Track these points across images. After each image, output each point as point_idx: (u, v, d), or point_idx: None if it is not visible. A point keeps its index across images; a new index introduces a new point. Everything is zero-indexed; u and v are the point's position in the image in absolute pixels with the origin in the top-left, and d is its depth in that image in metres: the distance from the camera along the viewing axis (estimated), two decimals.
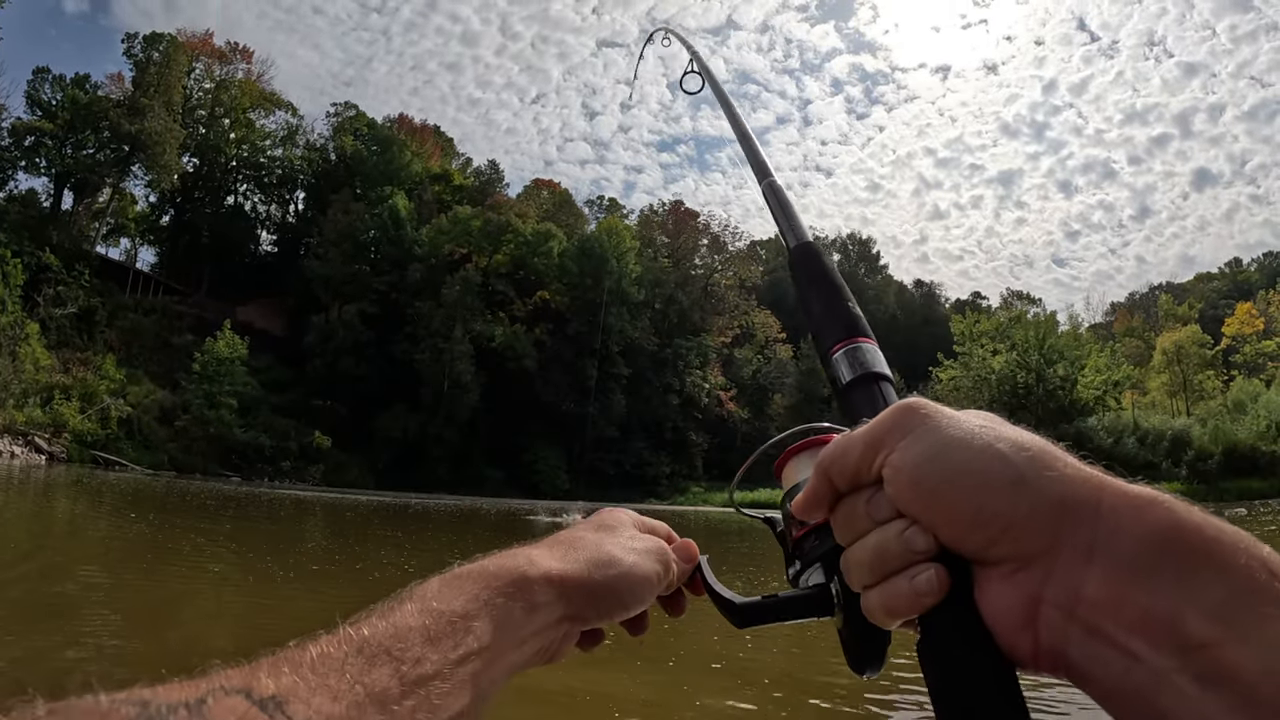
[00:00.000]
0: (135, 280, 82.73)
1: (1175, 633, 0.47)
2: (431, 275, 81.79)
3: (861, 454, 0.63)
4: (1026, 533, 0.55)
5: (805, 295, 0.91)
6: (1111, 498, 0.54)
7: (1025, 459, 0.58)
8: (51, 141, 79.42)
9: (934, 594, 0.58)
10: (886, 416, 0.64)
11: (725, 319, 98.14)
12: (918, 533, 0.60)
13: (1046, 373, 60.53)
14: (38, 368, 59.46)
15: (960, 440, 0.60)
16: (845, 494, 0.66)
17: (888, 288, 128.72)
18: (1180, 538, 0.50)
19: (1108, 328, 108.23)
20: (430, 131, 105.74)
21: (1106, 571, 0.51)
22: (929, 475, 0.59)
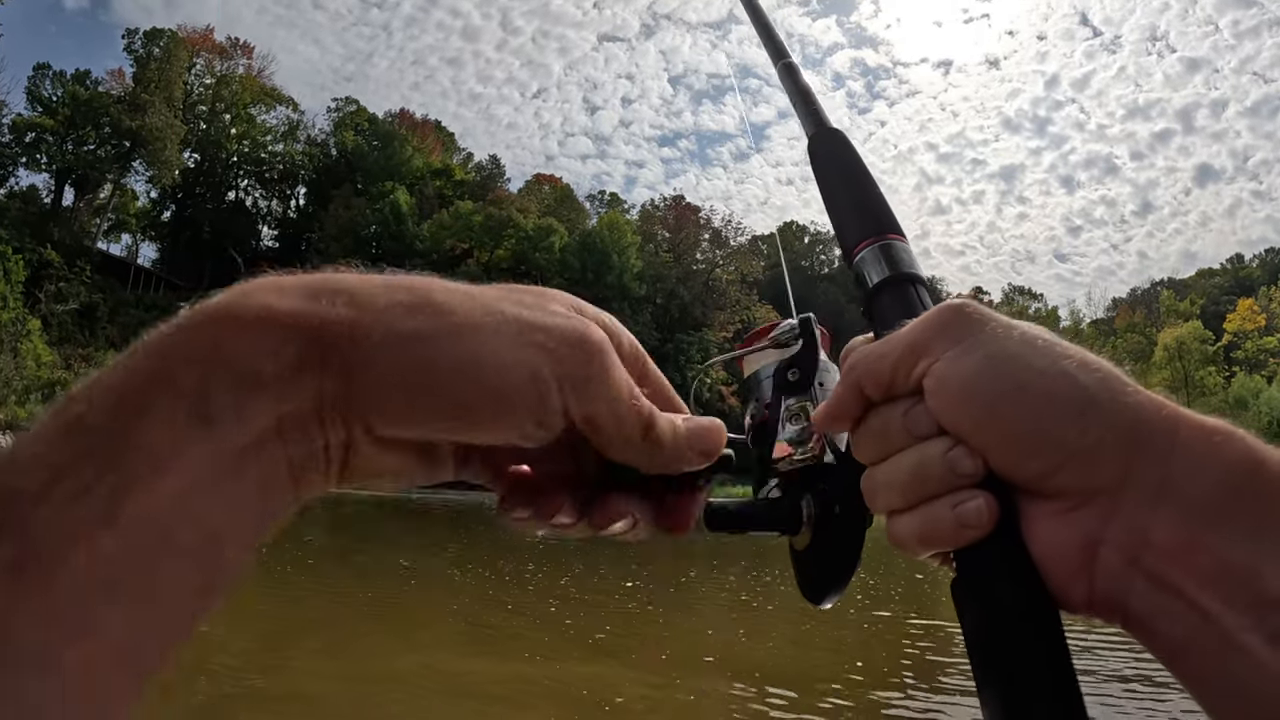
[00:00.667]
0: (136, 276, 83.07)
1: (1251, 587, 0.42)
2: (433, 270, 78.16)
3: (900, 359, 0.56)
4: (1093, 463, 0.48)
5: (827, 187, 0.80)
6: (1188, 430, 0.48)
7: (1096, 380, 0.50)
8: (52, 138, 79.40)
9: (981, 526, 0.52)
10: (932, 318, 0.57)
11: (727, 314, 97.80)
12: (965, 454, 0.53)
13: None
14: (39, 364, 59.73)
15: (1020, 353, 0.52)
16: (878, 404, 0.59)
17: None
18: (1261, 479, 0.45)
19: (1109, 323, 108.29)
20: (431, 126, 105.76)
21: (1179, 514, 0.45)
22: (984, 390, 0.52)
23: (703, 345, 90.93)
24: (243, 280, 0.45)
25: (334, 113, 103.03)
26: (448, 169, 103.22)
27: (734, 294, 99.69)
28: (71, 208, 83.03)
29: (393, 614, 9.63)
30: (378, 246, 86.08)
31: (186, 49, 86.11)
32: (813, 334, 0.72)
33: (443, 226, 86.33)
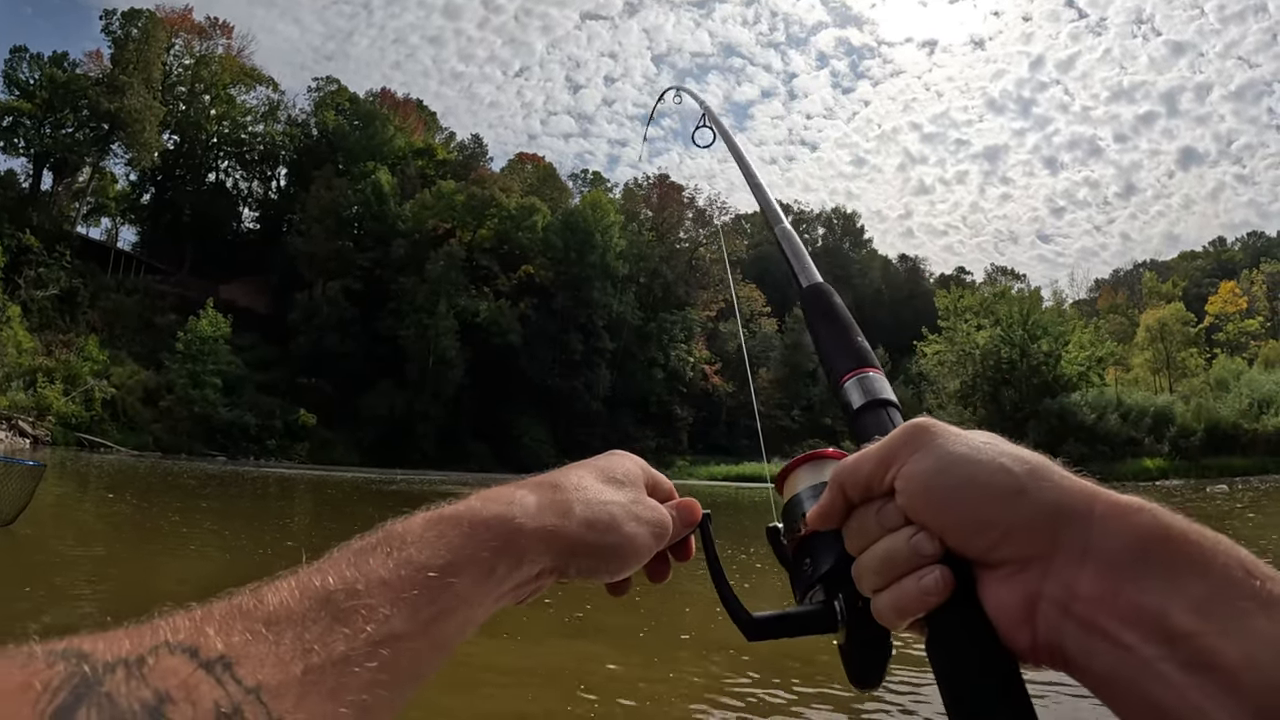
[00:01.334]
0: (117, 260, 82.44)
1: (1162, 625, 0.52)
2: (415, 251, 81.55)
3: (874, 467, 0.69)
4: (1026, 537, 0.60)
5: (817, 330, 0.98)
6: (1103, 505, 0.59)
7: (1026, 471, 0.62)
8: (30, 121, 78.83)
9: (939, 593, 0.63)
10: (899, 433, 0.70)
11: (710, 293, 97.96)
12: (925, 538, 0.65)
13: (1030, 348, 60.52)
14: (20, 351, 59.02)
15: (967, 455, 0.65)
16: (858, 505, 0.71)
17: (872, 262, 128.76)
18: (1165, 541, 0.55)
19: (1092, 304, 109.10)
20: (413, 106, 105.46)
21: (1099, 571, 0.56)
22: (939, 485, 0.64)
23: (686, 324, 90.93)
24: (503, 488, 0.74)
25: (314, 92, 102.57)
26: (430, 149, 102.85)
27: (717, 273, 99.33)
28: (50, 192, 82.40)
29: None
30: (359, 227, 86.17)
31: (165, 29, 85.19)
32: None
33: (425, 206, 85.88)
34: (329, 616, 0.54)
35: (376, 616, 0.56)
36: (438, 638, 0.60)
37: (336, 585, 0.56)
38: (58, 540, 11.15)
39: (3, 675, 0.41)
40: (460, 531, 0.66)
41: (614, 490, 0.82)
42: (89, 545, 11.40)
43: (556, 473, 0.82)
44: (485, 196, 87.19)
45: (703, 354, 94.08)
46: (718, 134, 1.74)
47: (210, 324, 68.17)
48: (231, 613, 0.52)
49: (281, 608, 0.53)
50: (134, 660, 0.44)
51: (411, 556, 0.61)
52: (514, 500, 0.73)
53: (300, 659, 0.51)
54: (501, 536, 0.68)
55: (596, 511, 0.78)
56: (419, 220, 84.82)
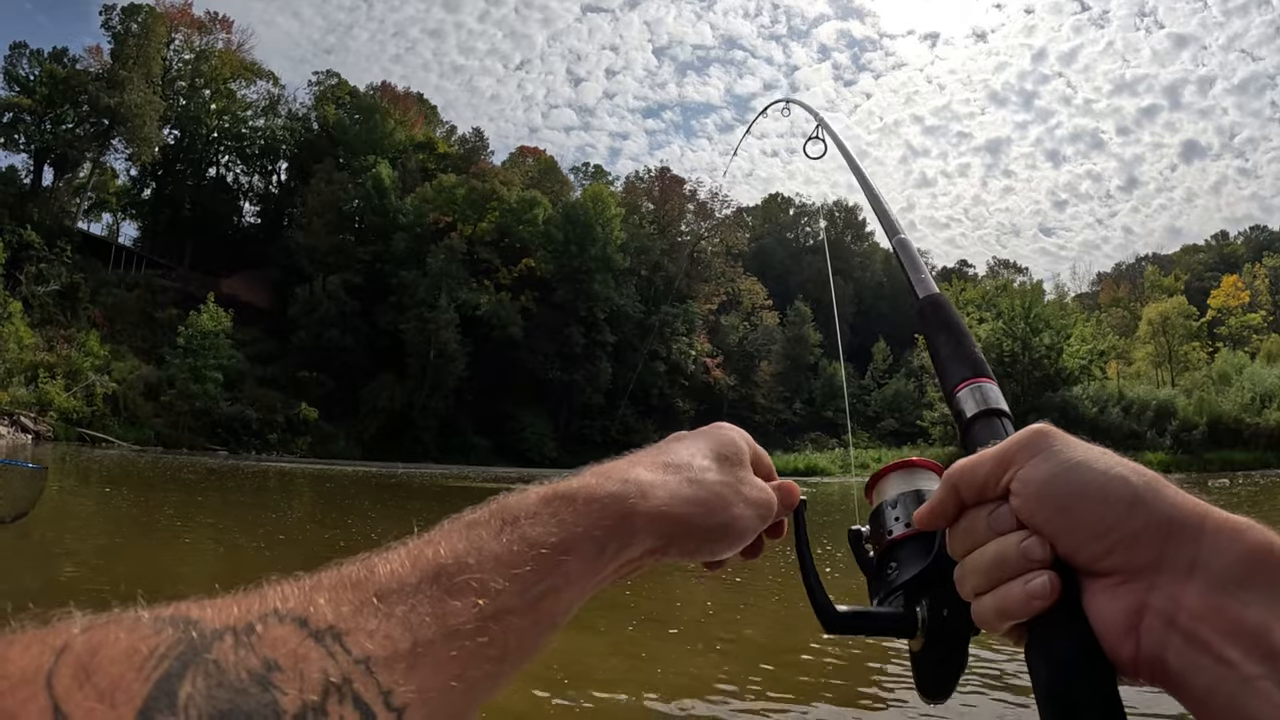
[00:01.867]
0: (118, 255, 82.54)
1: (1266, 641, 0.52)
2: (416, 244, 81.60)
3: (991, 470, 0.69)
4: (1138, 546, 0.60)
5: (934, 340, 0.99)
6: (1214, 521, 0.59)
7: (1143, 482, 0.63)
8: (30, 117, 78.98)
9: (1046, 597, 0.63)
10: (1019, 436, 0.70)
11: (711, 286, 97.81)
12: (1037, 542, 0.65)
13: (1032, 341, 60.93)
14: (21, 346, 59.14)
15: (1086, 462, 0.65)
16: (970, 507, 0.72)
17: (874, 255, 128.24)
18: (1273, 558, 0.55)
19: (1094, 298, 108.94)
20: (413, 99, 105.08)
21: (1205, 585, 0.56)
22: (1057, 490, 0.64)
23: (688, 317, 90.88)
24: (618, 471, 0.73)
25: (315, 86, 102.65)
26: (430, 142, 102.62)
27: (719, 266, 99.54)
28: (51, 188, 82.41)
29: None
30: (360, 221, 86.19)
31: (165, 24, 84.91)
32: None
33: (426, 200, 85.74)
34: (440, 589, 0.54)
35: (488, 591, 0.56)
36: (546, 615, 0.60)
37: (448, 557, 0.56)
38: (63, 535, 11.12)
39: (110, 640, 0.41)
40: (574, 509, 0.65)
41: (723, 469, 0.82)
42: (90, 539, 11.40)
43: (670, 444, 0.83)
44: (486, 190, 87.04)
45: (704, 347, 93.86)
46: (829, 143, 1.72)
47: (211, 318, 68.22)
48: (342, 583, 0.52)
49: (392, 578, 0.53)
50: (242, 628, 0.44)
51: (525, 532, 0.61)
52: (629, 478, 0.72)
53: (410, 631, 0.50)
54: (615, 515, 0.67)
55: (707, 492, 0.77)
56: (420, 214, 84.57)
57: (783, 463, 72.13)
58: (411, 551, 0.57)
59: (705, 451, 0.82)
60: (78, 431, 56.64)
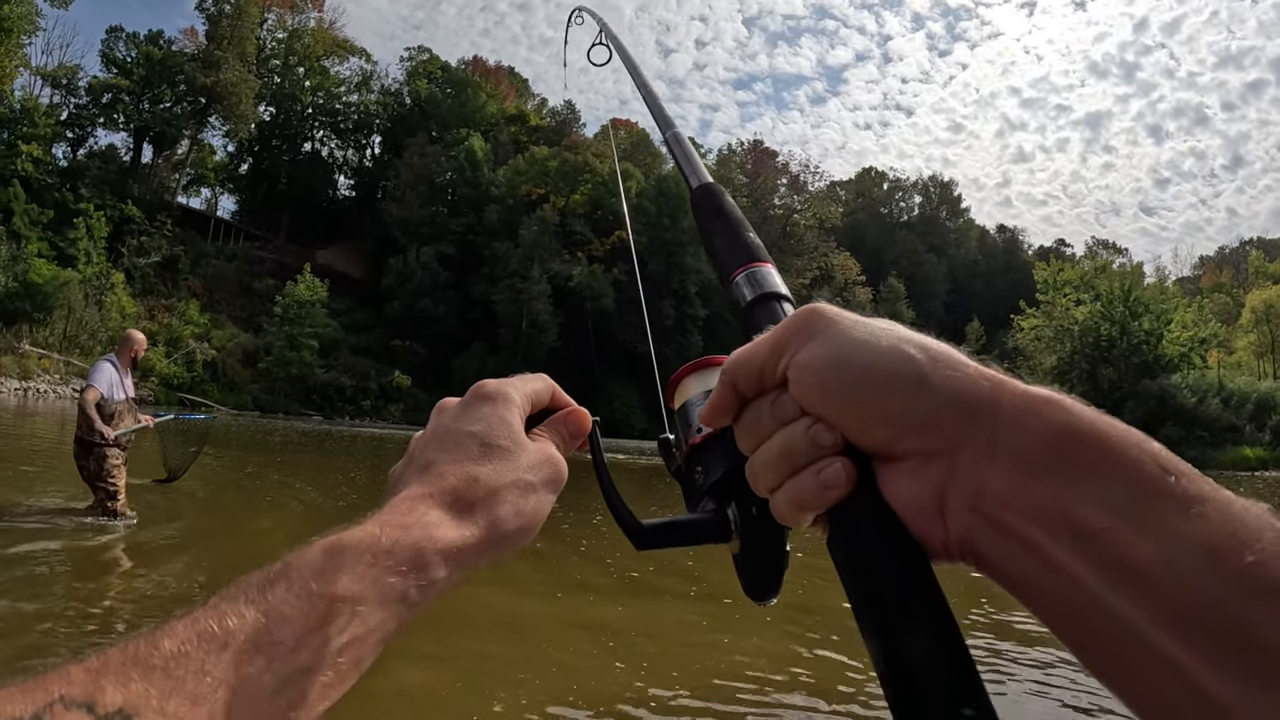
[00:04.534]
0: (216, 228, 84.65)
1: (1071, 522, 0.49)
2: (509, 216, 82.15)
3: (766, 358, 0.62)
4: (930, 429, 0.55)
5: (707, 229, 0.92)
6: (1010, 397, 0.54)
7: (928, 359, 0.57)
8: (129, 97, 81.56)
9: (840, 486, 0.58)
10: (790, 320, 0.63)
11: (804, 260, 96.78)
12: (823, 429, 0.59)
13: (1131, 326, 58.65)
14: (124, 316, 61.12)
15: (865, 341, 0.59)
16: (751, 399, 0.65)
17: (969, 232, 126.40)
18: (1075, 435, 0.51)
19: (1195, 282, 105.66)
20: (504, 73, 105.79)
21: (1006, 467, 0.52)
22: (835, 374, 0.58)
23: None
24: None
25: (406, 62, 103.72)
26: (522, 115, 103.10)
27: (811, 240, 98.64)
28: (150, 164, 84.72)
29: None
30: (453, 193, 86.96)
31: (257, 5, 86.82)
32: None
33: (518, 172, 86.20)
34: (231, 656, 0.51)
35: (281, 651, 0.53)
36: (349, 666, 0.58)
37: (237, 625, 0.53)
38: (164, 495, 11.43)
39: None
40: (364, 562, 0.62)
41: (499, 463, 0.74)
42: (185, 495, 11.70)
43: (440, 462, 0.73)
44: (578, 162, 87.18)
45: None
46: (614, 51, 1.64)
47: (307, 288, 69.54)
48: (127, 661, 0.49)
49: (178, 654, 0.50)
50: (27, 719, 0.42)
51: (313, 588, 0.58)
52: (413, 523, 0.67)
53: (204, 699, 0.49)
54: (407, 562, 0.64)
55: (497, 506, 0.72)
56: (512, 186, 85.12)
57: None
58: (199, 620, 0.53)
59: (477, 451, 0.75)
60: (178, 396, 57.42)
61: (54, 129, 73.76)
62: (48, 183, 68.33)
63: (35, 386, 49.05)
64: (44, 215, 64.65)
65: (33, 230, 62.71)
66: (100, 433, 9.05)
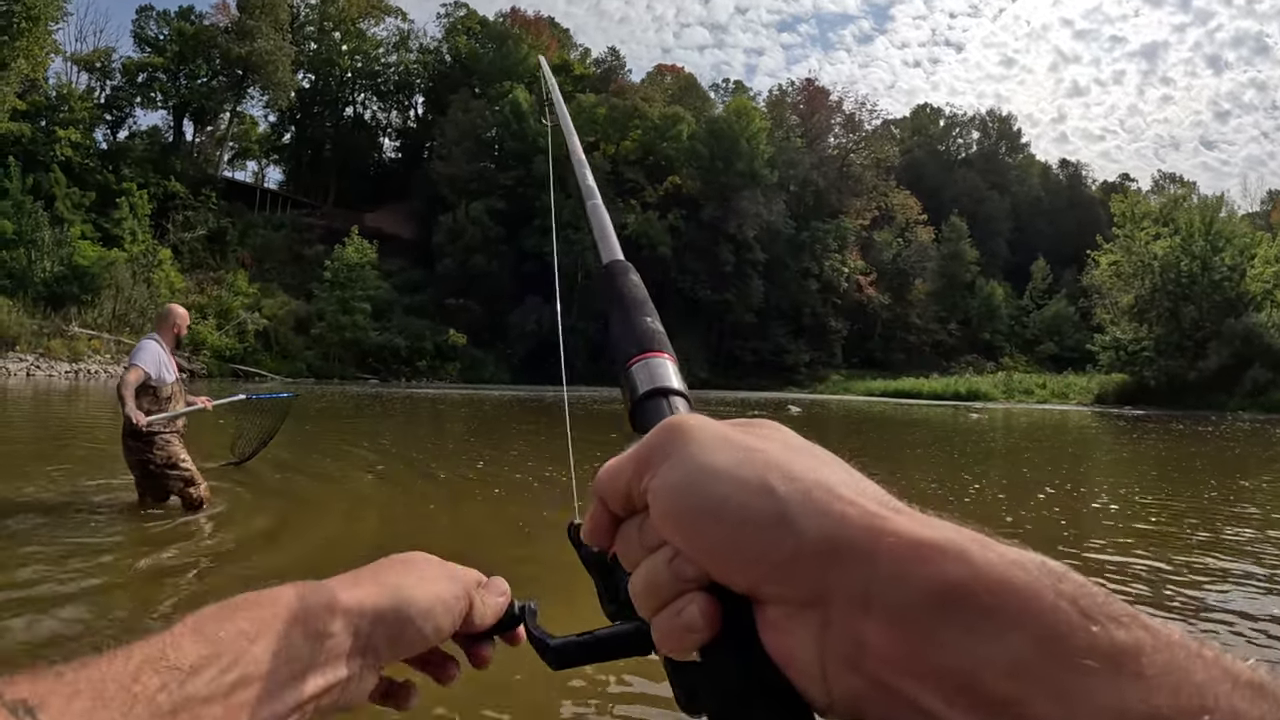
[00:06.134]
0: (263, 198, 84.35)
1: (975, 690, 0.40)
2: (558, 167, 78.47)
3: (630, 477, 0.55)
4: (791, 575, 0.47)
5: (607, 310, 0.84)
6: (891, 544, 0.45)
7: (795, 492, 0.48)
8: (164, 75, 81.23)
9: (699, 630, 0.50)
10: (653, 435, 0.56)
11: (863, 200, 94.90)
12: (684, 562, 0.52)
13: (1212, 261, 55.49)
14: (173, 291, 60.52)
15: (722, 469, 0.50)
16: (623, 519, 0.58)
17: (1030, 168, 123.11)
18: (969, 587, 0.42)
19: (1265, 217, 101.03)
20: (545, 23, 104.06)
21: (888, 622, 0.43)
22: (685, 506, 0.51)
23: (839, 233, 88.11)
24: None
25: (444, 19, 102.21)
26: (566, 64, 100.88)
27: (870, 179, 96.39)
28: (192, 141, 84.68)
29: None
30: (500, 147, 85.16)
31: None
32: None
33: None
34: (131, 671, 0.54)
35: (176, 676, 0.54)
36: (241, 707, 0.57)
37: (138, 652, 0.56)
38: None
39: None
40: (256, 607, 0.63)
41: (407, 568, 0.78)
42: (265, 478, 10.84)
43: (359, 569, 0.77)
44: (627, 108, 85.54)
45: (857, 264, 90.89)
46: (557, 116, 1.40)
47: (356, 251, 68.43)
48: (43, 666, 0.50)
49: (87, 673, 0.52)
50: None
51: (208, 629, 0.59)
52: (310, 582, 0.69)
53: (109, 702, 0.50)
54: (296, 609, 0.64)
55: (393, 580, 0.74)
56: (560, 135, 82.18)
57: (941, 385, 68.93)
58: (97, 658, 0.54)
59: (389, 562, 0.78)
60: (231, 368, 57.78)
61: (92, 113, 73.55)
62: (89, 166, 68.05)
63: (86, 368, 48.08)
64: (86, 198, 64.17)
65: (76, 214, 62.20)
66: (129, 416, 7.66)
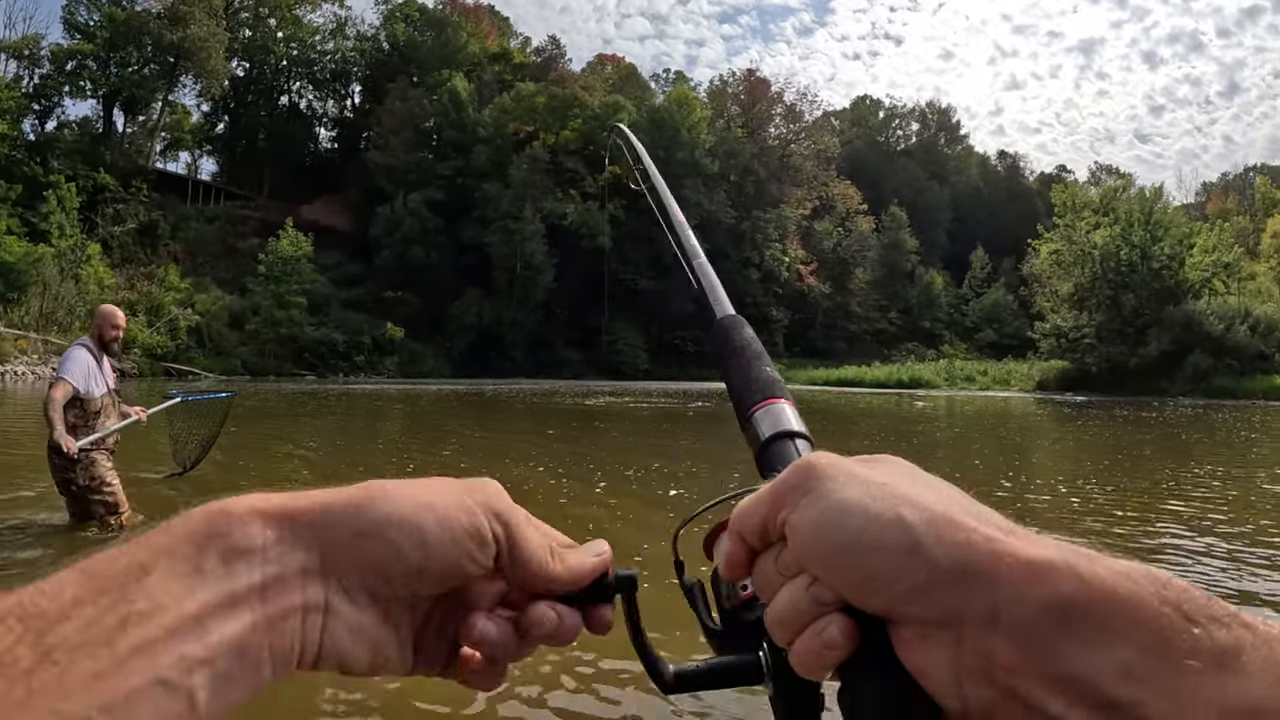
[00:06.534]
0: (196, 190, 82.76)
1: (1094, 695, 0.45)
2: (497, 156, 79.78)
3: (767, 512, 0.59)
4: (926, 598, 0.51)
5: (728, 361, 0.90)
6: (1009, 565, 0.49)
7: (924, 521, 0.53)
8: (94, 63, 78.99)
9: (839, 647, 0.55)
10: (788, 473, 0.60)
11: (804, 190, 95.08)
12: (823, 588, 0.56)
13: (1151, 250, 56.29)
14: (102, 287, 59.23)
15: (856, 503, 0.55)
16: (760, 552, 0.62)
17: (969, 159, 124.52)
18: (1083, 600, 0.47)
19: (1199, 209, 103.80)
20: (484, 11, 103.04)
21: (1013, 637, 0.48)
22: (824, 539, 0.55)
23: (780, 223, 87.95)
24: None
25: (382, 5, 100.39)
26: (506, 53, 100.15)
27: (810, 170, 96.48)
28: (123, 131, 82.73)
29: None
30: (438, 136, 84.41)
31: None
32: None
33: (504, 110, 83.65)
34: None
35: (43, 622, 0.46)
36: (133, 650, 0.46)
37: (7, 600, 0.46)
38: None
39: None
40: (156, 534, 0.53)
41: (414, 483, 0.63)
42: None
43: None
44: (567, 96, 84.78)
45: (798, 253, 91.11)
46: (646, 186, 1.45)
47: (291, 243, 67.36)
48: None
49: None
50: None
51: (94, 566, 0.50)
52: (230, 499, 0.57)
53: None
54: (203, 523, 0.53)
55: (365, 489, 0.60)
56: (499, 125, 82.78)
57: (884, 373, 69.13)
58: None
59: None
60: (163, 366, 56.70)
61: (19, 102, 71.21)
62: (16, 158, 66.11)
63: (12, 369, 46.47)
64: (12, 191, 62.28)
65: (1, 208, 60.54)
66: (57, 444, 6.86)
